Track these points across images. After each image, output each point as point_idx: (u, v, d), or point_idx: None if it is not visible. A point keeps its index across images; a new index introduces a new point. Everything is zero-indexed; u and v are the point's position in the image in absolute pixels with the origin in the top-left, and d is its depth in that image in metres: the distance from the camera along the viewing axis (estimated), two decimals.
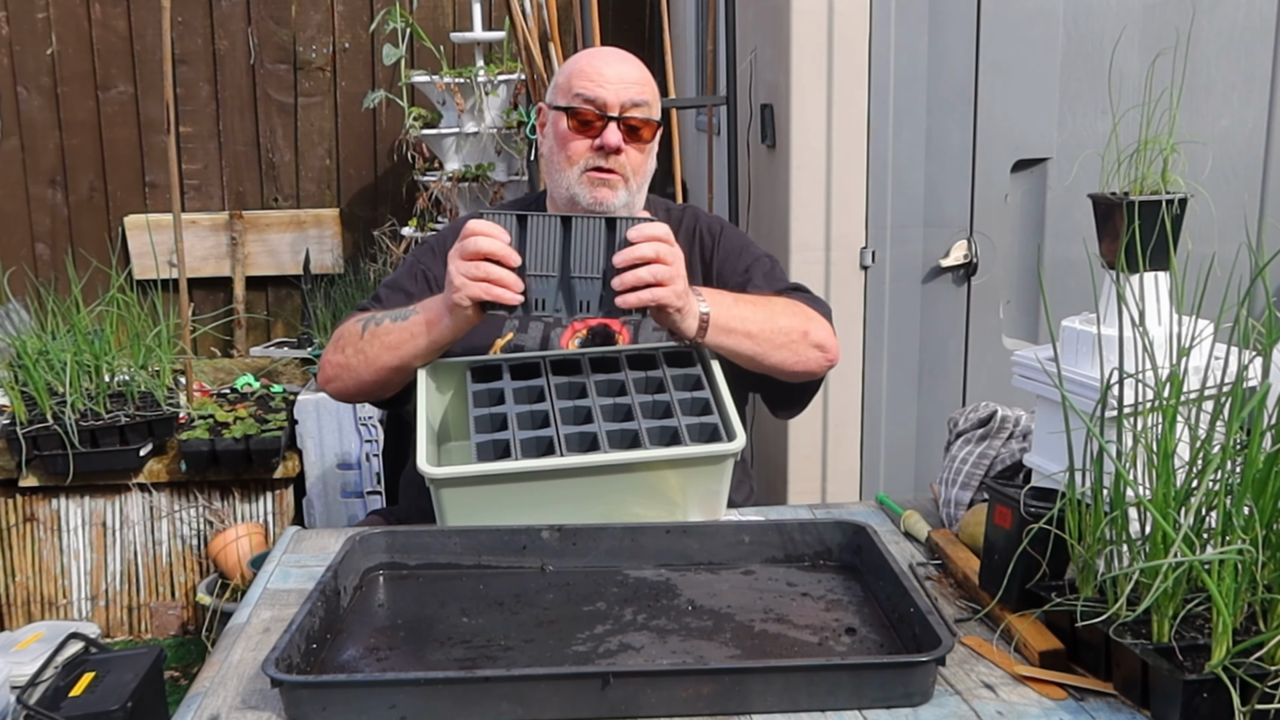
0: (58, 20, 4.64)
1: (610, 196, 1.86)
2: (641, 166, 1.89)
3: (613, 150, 1.84)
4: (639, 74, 1.89)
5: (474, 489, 1.54)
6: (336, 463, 3.54)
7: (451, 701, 1.14)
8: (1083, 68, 2.55)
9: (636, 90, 1.86)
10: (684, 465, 1.55)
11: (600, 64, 1.87)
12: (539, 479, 1.53)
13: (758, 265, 1.96)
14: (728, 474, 1.58)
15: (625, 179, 1.86)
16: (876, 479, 2.76)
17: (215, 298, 4.84)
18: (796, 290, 1.94)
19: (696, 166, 3.92)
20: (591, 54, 1.93)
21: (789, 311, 1.81)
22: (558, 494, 1.54)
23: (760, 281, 1.93)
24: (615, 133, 1.84)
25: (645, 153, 1.89)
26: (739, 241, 2.01)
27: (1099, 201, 1.38)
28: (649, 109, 1.88)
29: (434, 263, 1.95)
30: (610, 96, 1.84)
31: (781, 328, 1.78)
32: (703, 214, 2.07)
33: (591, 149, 1.85)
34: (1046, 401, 1.46)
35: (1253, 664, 1.06)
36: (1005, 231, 2.65)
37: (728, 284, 1.93)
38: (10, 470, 3.31)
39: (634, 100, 1.85)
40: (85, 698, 2.28)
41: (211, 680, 1.26)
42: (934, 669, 1.18)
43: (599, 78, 1.85)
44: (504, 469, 1.53)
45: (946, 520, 1.66)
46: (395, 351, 1.74)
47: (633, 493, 1.55)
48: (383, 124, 4.80)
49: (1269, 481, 1.09)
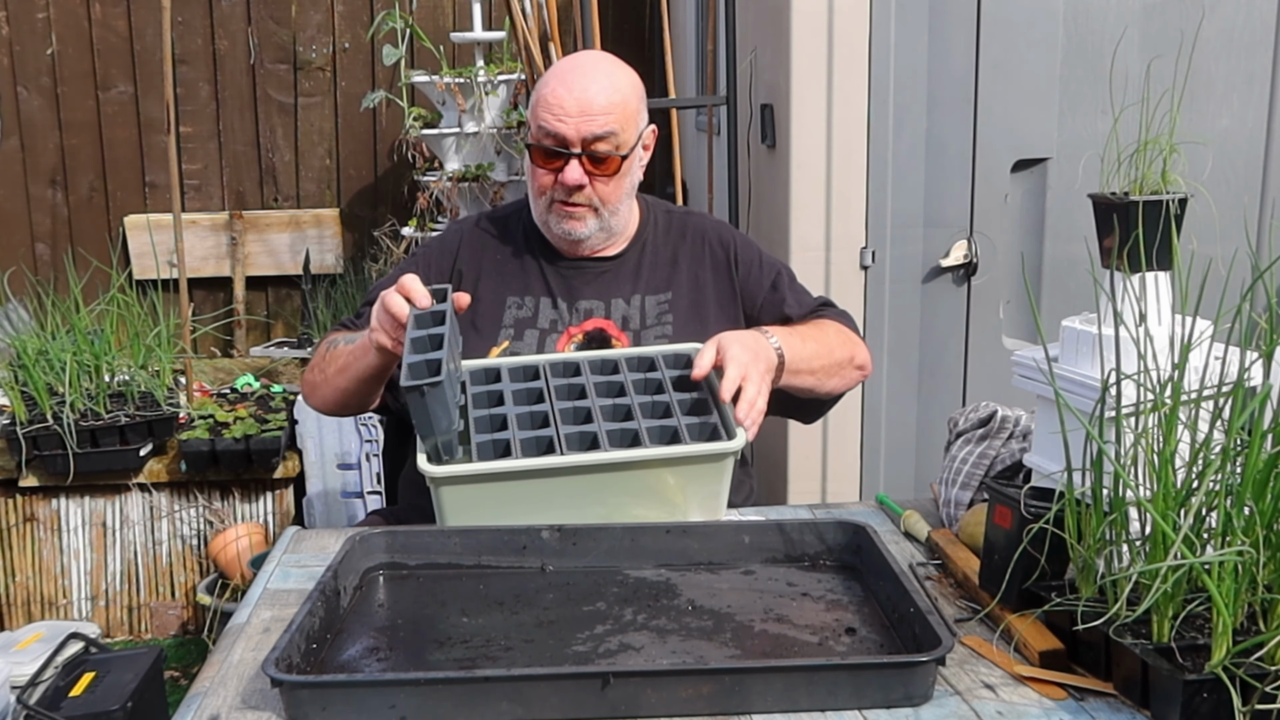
0: (58, 20, 4.64)
1: (579, 228, 1.85)
2: (613, 194, 1.85)
3: (573, 187, 1.81)
4: (605, 99, 1.79)
5: (474, 488, 1.54)
6: (336, 463, 3.54)
7: (451, 701, 1.14)
8: (1083, 68, 2.55)
9: (600, 122, 1.78)
10: (683, 464, 1.55)
11: (564, 92, 1.79)
12: (539, 477, 1.53)
13: (781, 281, 1.95)
14: (728, 473, 1.58)
15: (594, 209, 1.84)
16: (876, 479, 2.76)
17: (215, 298, 4.84)
18: (825, 306, 1.96)
19: (696, 166, 3.92)
20: (560, 76, 1.83)
21: (841, 340, 1.84)
22: (557, 493, 1.54)
23: (792, 301, 1.93)
24: (575, 170, 1.80)
25: (613, 182, 1.84)
26: (752, 253, 1.98)
27: (1099, 201, 1.38)
28: (616, 138, 1.81)
29: (425, 273, 1.93)
30: (570, 131, 1.78)
31: (837, 360, 1.82)
32: (708, 221, 2.03)
33: (555, 183, 1.82)
34: (1046, 401, 1.46)
35: (1253, 664, 1.06)
36: (1005, 231, 2.65)
37: (755, 300, 1.93)
38: (10, 470, 3.31)
39: (596, 134, 1.78)
40: (85, 698, 2.28)
41: (211, 680, 1.26)
42: (934, 669, 1.18)
43: (559, 110, 1.78)
44: (504, 468, 1.53)
45: (946, 520, 1.66)
46: (344, 374, 1.78)
47: (633, 493, 1.55)
48: (383, 124, 4.80)
49: (1269, 482, 1.09)
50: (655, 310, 1.91)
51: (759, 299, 1.94)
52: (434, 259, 1.95)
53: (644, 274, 1.93)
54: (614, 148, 1.81)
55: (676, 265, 1.95)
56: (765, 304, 1.93)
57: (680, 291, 1.92)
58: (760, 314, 1.93)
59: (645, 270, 1.93)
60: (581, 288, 1.91)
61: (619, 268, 1.93)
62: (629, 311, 1.90)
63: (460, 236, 1.98)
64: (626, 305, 1.91)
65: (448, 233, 2.01)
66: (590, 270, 1.92)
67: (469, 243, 1.96)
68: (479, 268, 1.93)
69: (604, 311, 1.90)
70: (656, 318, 1.90)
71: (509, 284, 1.92)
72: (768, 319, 1.91)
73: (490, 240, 1.96)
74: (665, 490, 1.56)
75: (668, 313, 1.90)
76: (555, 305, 1.90)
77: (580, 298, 1.90)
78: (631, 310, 1.90)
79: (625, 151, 1.83)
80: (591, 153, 1.80)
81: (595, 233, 1.87)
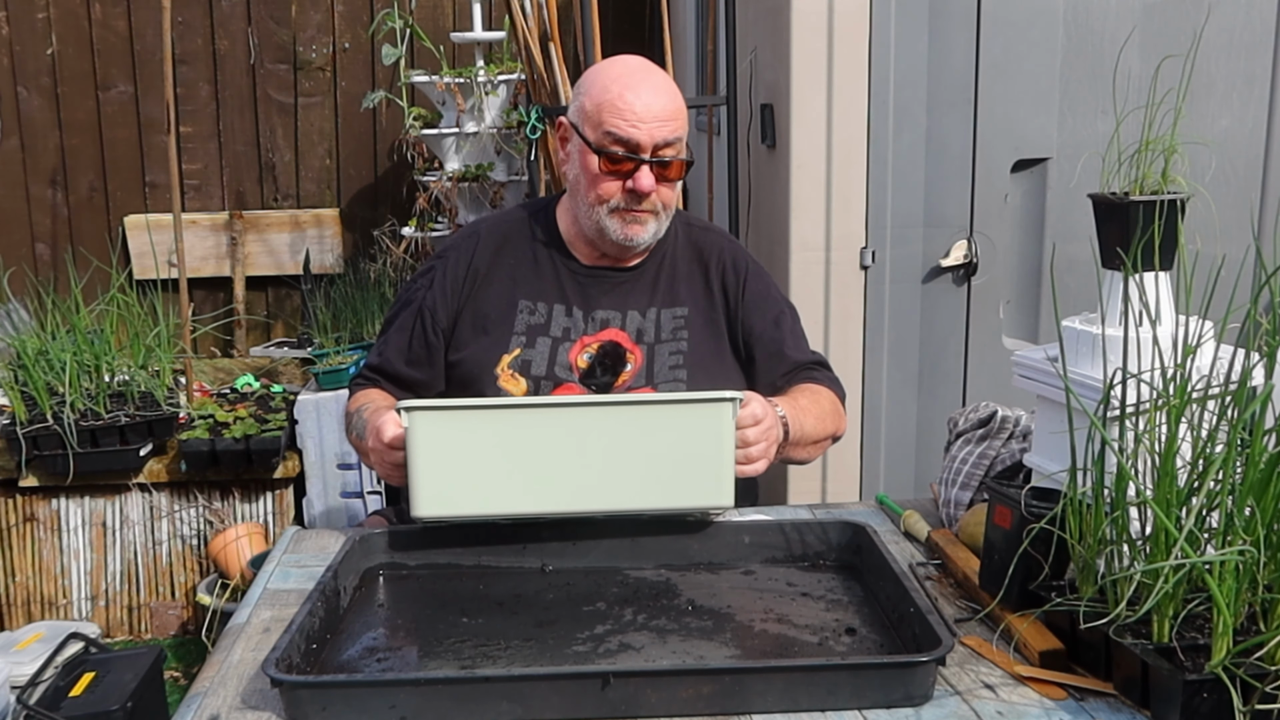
0: (58, 20, 4.64)
1: (641, 233, 1.84)
2: (672, 198, 1.86)
3: (645, 194, 1.80)
4: (672, 105, 1.80)
5: (447, 424, 1.49)
6: (336, 463, 3.54)
7: (451, 701, 1.14)
8: (1083, 68, 2.55)
9: (670, 128, 1.79)
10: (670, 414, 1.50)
11: (633, 98, 1.78)
12: (513, 410, 1.51)
13: (784, 320, 1.95)
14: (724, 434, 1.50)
15: (656, 213, 1.84)
16: (876, 479, 2.76)
17: (215, 298, 4.84)
18: (818, 365, 1.96)
19: (696, 166, 3.92)
20: (624, 81, 1.81)
21: (834, 414, 1.87)
22: (533, 437, 1.49)
23: (791, 343, 1.93)
24: (648, 176, 1.79)
25: (675, 187, 1.85)
26: (763, 285, 1.96)
27: (1099, 201, 1.38)
28: (680, 144, 1.82)
29: (429, 293, 1.91)
30: (644, 138, 1.78)
31: (827, 434, 1.85)
32: (725, 240, 2.01)
33: (624, 190, 1.81)
34: (1047, 401, 1.46)
35: (1253, 664, 1.06)
36: (1005, 231, 2.65)
37: (754, 331, 1.92)
38: (10, 470, 3.31)
39: (666, 139, 1.79)
40: (85, 698, 2.28)
41: (211, 680, 1.26)
42: (934, 669, 1.18)
43: (632, 115, 1.77)
44: (478, 403, 1.53)
45: (946, 520, 1.66)
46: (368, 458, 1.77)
47: (612, 440, 1.49)
48: (383, 124, 4.80)
49: (1270, 482, 1.09)
50: (670, 325, 1.89)
51: (757, 330, 1.92)
52: (448, 266, 1.92)
53: (661, 287, 1.91)
54: (678, 153, 1.82)
55: (692, 281, 1.93)
56: (763, 337, 1.92)
57: (697, 308, 1.91)
58: (755, 345, 1.91)
59: (663, 283, 1.92)
60: (599, 296, 1.89)
61: (637, 279, 1.91)
62: (644, 324, 1.88)
63: (477, 240, 1.94)
64: (642, 318, 1.89)
65: (464, 236, 1.98)
66: (608, 280, 1.90)
67: (486, 244, 1.93)
68: (493, 269, 1.91)
69: (620, 322, 1.88)
70: (672, 332, 1.88)
71: (522, 288, 1.89)
72: (761, 352, 1.91)
73: (507, 242, 1.94)
74: (647, 445, 1.49)
75: (683, 328, 1.89)
76: (570, 313, 1.88)
77: (597, 307, 1.88)
78: (647, 323, 1.89)
79: (688, 156, 1.85)
80: (659, 159, 1.80)
81: (651, 238, 1.86)
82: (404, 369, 1.90)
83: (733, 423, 1.50)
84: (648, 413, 1.50)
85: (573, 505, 1.50)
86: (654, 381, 1.83)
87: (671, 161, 1.81)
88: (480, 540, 1.53)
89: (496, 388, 1.81)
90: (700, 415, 1.49)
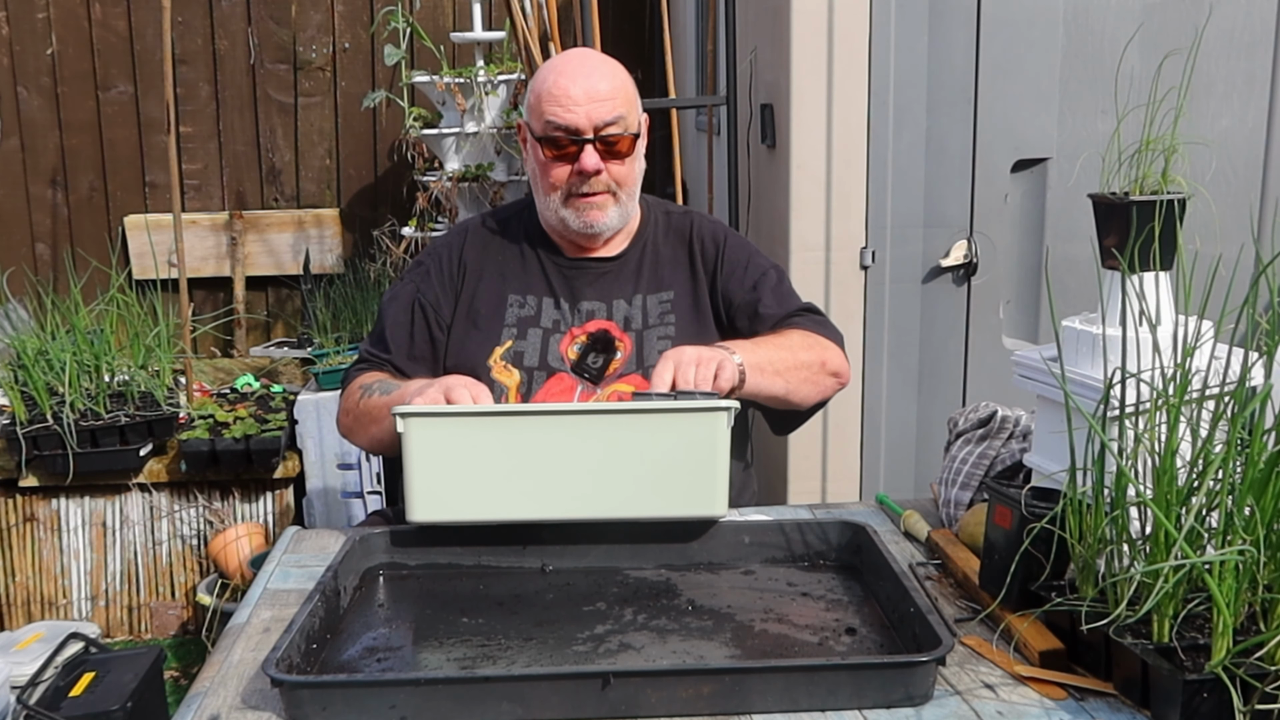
0: (58, 20, 4.64)
1: (600, 217, 1.86)
2: (628, 176, 1.87)
3: (592, 173, 1.82)
4: (608, 85, 1.83)
5: (443, 430, 1.50)
6: (336, 463, 3.54)
7: (451, 701, 1.14)
8: (1083, 68, 2.55)
9: (608, 107, 1.82)
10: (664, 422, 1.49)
11: (567, 83, 1.82)
12: (508, 417, 1.52)
13: (765, 282, 1.93)
14: (718, 443, 1.50)
15: (612, 194, 1.86)
16: (876, 479, 2.76)
17: (215, 298, 4.83)
18: (807, 311, 1.93)
19: (696, 166, 3.92)
20: (557, 70, 1.86)
21: (805, 345, 1.82)
22: (527, 443, 1.49)
23: (770, 300, 1.91)
24: (591, 156, 1.82)
25: (628, 163, 1.87)
26: (743, 253, 1.97)
27: (1099, 201, 1.38)
28: (625, 120, 1.84)
29: (428, 285, 1.93)
30: (582, 121, 1.81)
31: (803, 361, 1.80)
32: (704, 220, 2.03)
33: (571, 174, 1.84)
34: (1047, 401, 1.46)
35: (1253, 664, 1.06)
36: (1005, 231, 2.65)
37: (733, 301, 1.92)
38: (10, 470, 3.31)
39: (606, 119, 1.82)
40: (85, 698, 2.28)
41: (211, 680, 1.26)
42: (934, 669, 1.18)
43: (567, 100, 1.81)
44: (474, 409, 1.53)
45: (946, 520, 1.66)
46: (380, 424, 1.79)
47: (607, 448, 1.49)
48: (383, 124, 4.80)
49: (1270, 482, 1.09)
50: (657, 310, 1.91)
51: (736, 299, 1.92)
52: (441, 262, 1.96)
53: (645, 273, 1.93)
54: (623, 129, 1.84)
55: (676, 264, 1.95)
56: (740, 305, 1.92)
57: (683, 290, 1.93)
58: (735, 314, 1.92)
59: (646, 270, 1.94)
60: (583, 288, 1.91)
61: (620, 268, 1.94)
62: (630, 312, 1.90)
63: (465, 235, 2.00)
64: (628, 306, 1.91)
65: (452, 233, 2.03)
66: (592, 270, 1.93)
67: (473, 240, 1.98)
68: (482, 265, 1.95)
69: (605, 313, 1.90)
70: (659, 317, 1.90)
71: (510, 282, 1.93)
72: (741, 319, 1.91)
73: (493, 238, 1.98)
74: (642, 451, 1.49)
75: (670, 312, 1.91)
76: (558, 305, 1.91)
77: (582, 299, 1.91)
78: (633, 310, 1.91)
79: (635, 130, 1.87)
80: (603, 137, 1.82)
81: (615, 221, 1.88)
82: (406, 363, 1.92)
83: (727, 432, 1.50)
84: (641, 420, 1.50)
85: (567, 511, 1.51)
86: (644, 368, 1.85)
87: (618, 139, 1.83)
88: (480, 540, 1.53)
89: (489, 379, 1.83)
90: (694, 424, 1.49)
